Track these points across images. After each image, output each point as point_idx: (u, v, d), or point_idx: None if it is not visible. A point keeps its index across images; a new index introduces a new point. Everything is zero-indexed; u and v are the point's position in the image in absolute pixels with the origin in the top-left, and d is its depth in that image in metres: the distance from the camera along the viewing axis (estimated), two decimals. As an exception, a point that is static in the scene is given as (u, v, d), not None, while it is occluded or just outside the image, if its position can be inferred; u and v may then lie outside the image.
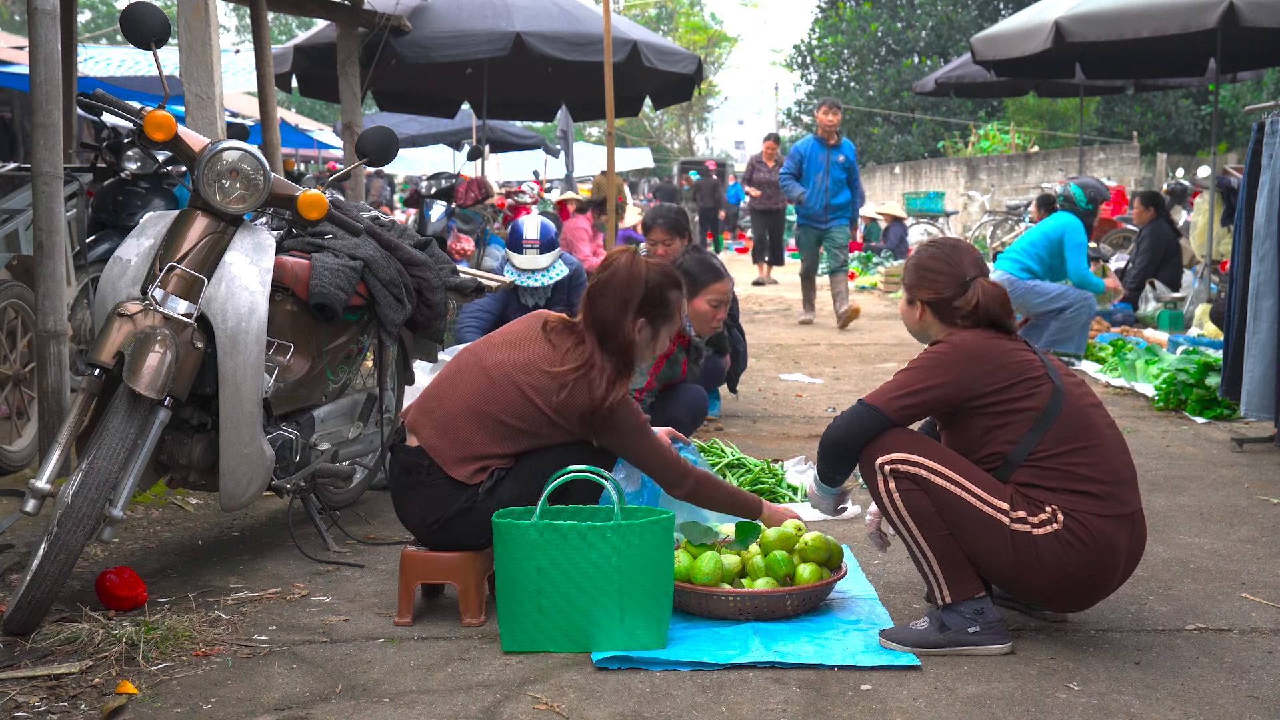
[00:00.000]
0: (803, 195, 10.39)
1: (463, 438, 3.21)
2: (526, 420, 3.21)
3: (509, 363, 3.24)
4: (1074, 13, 9.74)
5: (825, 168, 10.35)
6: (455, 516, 3.21)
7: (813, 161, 10.41)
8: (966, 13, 29.67)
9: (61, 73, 4.46)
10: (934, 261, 3.19)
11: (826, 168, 10.35)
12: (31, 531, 3.87)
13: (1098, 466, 2.98)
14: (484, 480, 3.21)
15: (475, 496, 3.20)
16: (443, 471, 3.21)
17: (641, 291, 3.28)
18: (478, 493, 3.20)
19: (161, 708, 2.70)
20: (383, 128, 3.89)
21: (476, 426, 3.21)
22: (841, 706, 2.70)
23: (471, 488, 3.20)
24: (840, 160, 10.41)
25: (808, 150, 10.45)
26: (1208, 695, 2.76)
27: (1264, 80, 22.19)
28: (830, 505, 3.34)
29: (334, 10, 8.66)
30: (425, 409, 3.30)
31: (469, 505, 3.19)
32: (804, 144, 10.51)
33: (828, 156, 10.39)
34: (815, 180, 10.39)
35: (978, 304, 3.10)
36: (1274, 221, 5.20)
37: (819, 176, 10.37)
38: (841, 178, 10.45)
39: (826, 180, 10.35)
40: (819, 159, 10.40)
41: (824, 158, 10.39)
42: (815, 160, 10.41)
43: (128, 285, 3.43)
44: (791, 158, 10.48)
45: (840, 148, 10.45)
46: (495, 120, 16.27)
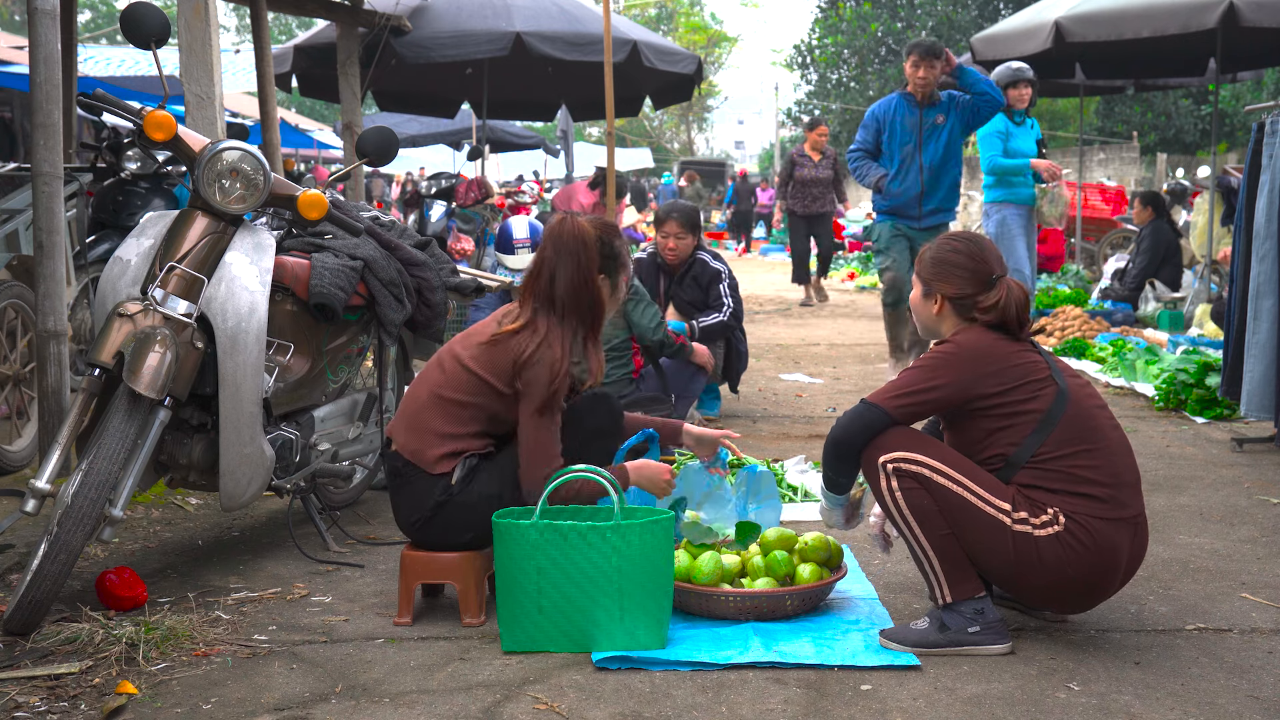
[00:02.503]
0: (884, 180, 7.14)
1: (427, 428, 3.27)
2: (471, 391, 3.25)
3: (456, 345, 3.33)
4: (1074, 13, 9.73)
5: (917, 137, 7.13)
6: (434, 512, 3.23)
7: (900, 128, 7.16)
8: (966, 13, 29.67)
9: (61, 73, 4.46)
10: (958, 256, 3.16)
11: (919, 137, 7.12)
12: (31, 531, 3.87)
13: (1101, 469, 2.98)
14: (455, 469, 3.23)
15: (450, 489, 3.22)
16: (416, 468, 3.26)
17: (596, 248, 3.32)
18: (451, 484, 3.22)
19: (161, 708, 2.70)
20: (383, 128, 3.89)
21: (435, 413, 3.27)
22: (841, 706, 2.70)
23: (444, 479, 3.23)
24: (939, 122, 7.13)
25: (890, 112, 7.21)
26: (1208, 695, 2.76)
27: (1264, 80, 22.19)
28: (840, 517, 3.32)
29: (334, 10, 8.66)
30: (401, 412, 3.38)
31: (444, 498, 3.22)
32: (884, 105, 7.29)
33: (920, 120, 7.13)
34: (903, 156, 7.15)
35: (1000, 302, 3.09)
36: (1274, 221, 5.20)
37: (908, 151, 7.13)
38: (942, 151, 7.16)
39: (919, 155, 7.12)
40: (907, 125, 7.14)
41: (914, 122, 7.13)
42: (903, 126, 7.15)
43: (128, 285, 3.43)
44: (866, 126, 7.32)
45: (940, 106, 7.13)
46: (495, 120, 16.27)
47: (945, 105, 7.16)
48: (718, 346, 6.15)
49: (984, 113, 7.14)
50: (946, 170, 7.19)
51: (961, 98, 7.12)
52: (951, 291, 3.15)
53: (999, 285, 3.10)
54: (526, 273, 3.37)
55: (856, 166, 7.34)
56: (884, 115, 7.24)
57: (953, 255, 3.17)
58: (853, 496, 3.29)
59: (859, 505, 3.32)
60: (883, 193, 7.19)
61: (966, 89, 7.04)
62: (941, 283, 3.17)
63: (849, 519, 3.33)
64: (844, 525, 3.34)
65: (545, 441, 3.24)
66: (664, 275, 6.15)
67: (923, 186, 7.17)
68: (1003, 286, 3.10)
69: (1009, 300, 3.08)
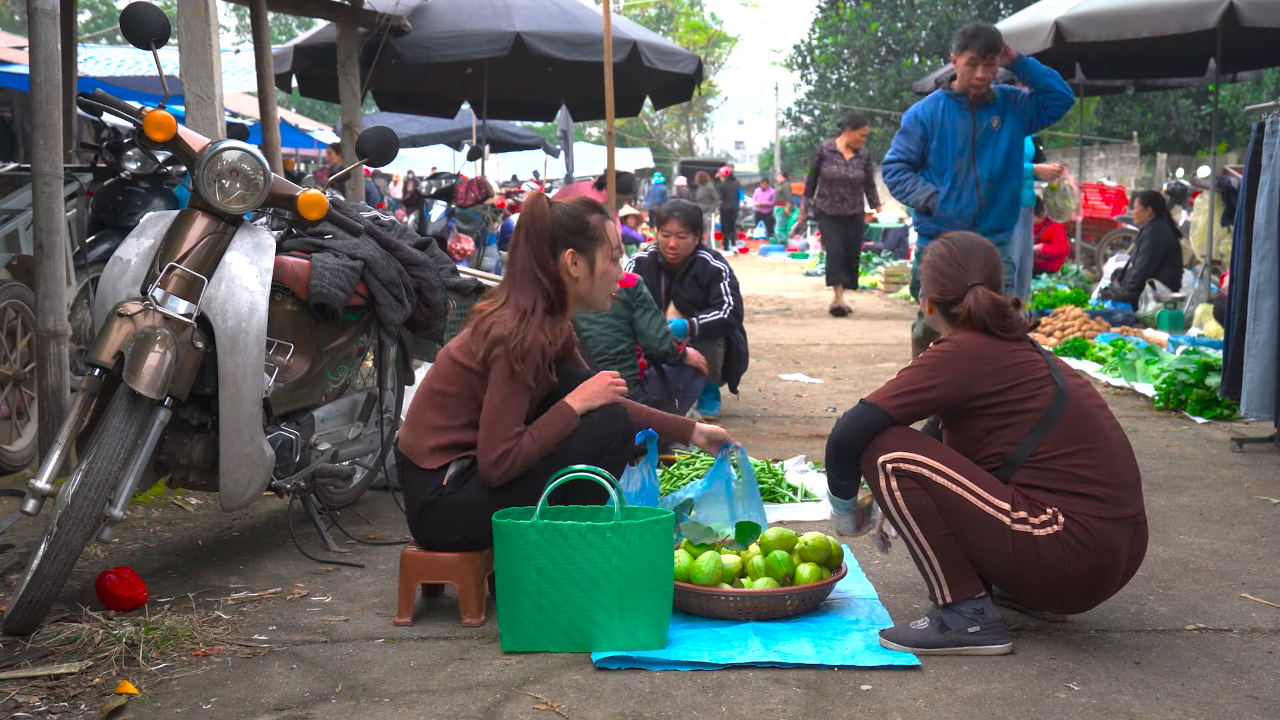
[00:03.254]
0: (935, 198, 5.75)
1: (420, 423, 3.30)
2: (454, 380, 3.27)
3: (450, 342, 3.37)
4: (1074, 13, 9.73)
5: (971, 146, 5.79)
6: (425, 508, 3.24)
7: (950, 134, 5.82)
8: (966, 13, 29.67)
9: (61, 73, 4.46)
10: (942, 262, 3.19)
11: (973, 146, 5.79)
12: (31, 531, 3.87)
13: (1100, 469, 2.98)
14: (449, 466, 3.24)
15: (441, 489, 3.22)
16: (412, 464, 3.28)
17: (549, 224, 3.30)
18: (442, 484, 3.23)
19: (161, 708, 2.70)
20: (383, 128, 3.89)
21: (427, 407, 3.31)
22: (841, 706, 2.70)
23: (435, 476, 3.24)
24: (995, 126, 5.80)
25: (938, 116, 5.85)
26: (1208, 695, 2.76)
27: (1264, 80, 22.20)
28: (850, 524, 3.32)
29: (334, 10, 8.66)
30: (406, 414, 3.41)
31: (435, 497, 3.23)
32: (929, 107, 5.89)
33: (974, 125, 5.80)
34: (956, 169, 5.81)
35: (969, 312, 3.10)
36: (1274, 221, 5.20)
37: (962, 163, 5.80)
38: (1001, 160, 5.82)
39: (974, 167, 5.78)
40: (959, 130, 5.80)
41: (967, 127, 5.79)
42: (953, 133, 5.81)
43: (128, 285, 3.43)
44: (908, 132, 5.89)
45: (995, 106, 5.79)
46: (495, 120, 16.28)
47: (1001, 105, 5.78)
48: (718, 346, 6.14)
49: (1052, 111, 5.81)
50: (1006, 182, 5.83)
51: (1019, 94, 5.82)
52: (934, 295, 3.20)
53: (968, 295, 3.11)
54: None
55: (898, 181, 5.83)
56: (931, 119, 5.81)
57: (938, 260, 3.21)
58: (861, 503, 3.29)
59: (869, 512, 3.31)
60: (932, 213, 5.73)
61: (1029, 84, 5.78)
62: (927, 285, 3.23)
63: (859, 525, 3.33)
64: (854, 532, 3.34)
65: (502, 415, 3.18)
66: (665, 274, 6.16)
67: (979, 203, 5.77)
68: (970, 296, 3.10)
69: (976, 309, 3.09)
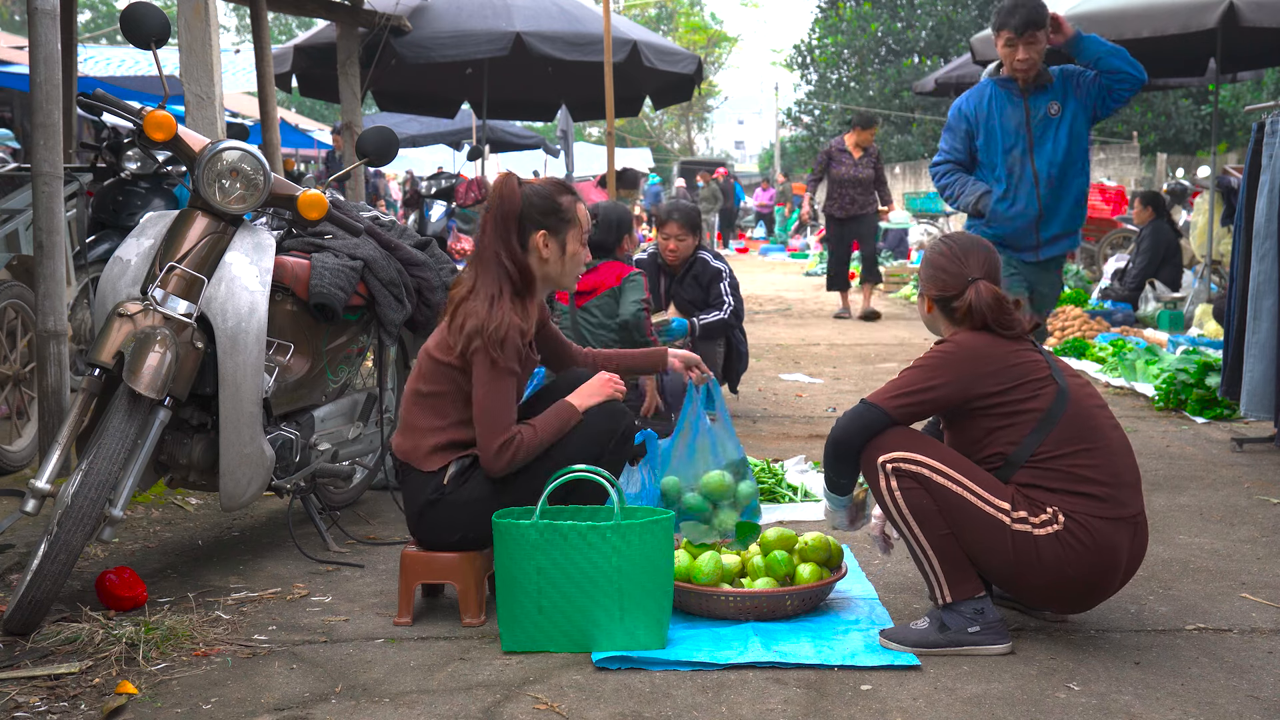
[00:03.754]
0: (987, 198, 5.01)
1: (413, 426, 3.29)
2: (442, 380, 3.26)
3: (426, 342, 3.36)
4: (1074, 13, 9.73)
5: (1026, 137, 4.99)
6: (425, 509, 3.24)
7: (998, 126, 5.03)
8: (966, 13, 29.67)
9: (61, 73, 4.46)
10: (941, 259, 3.20)
11: (1028, 137, 4.99)
12: (31, 531, 3.87)
13: (1100, 469, 2.98)
14: (449, 466, 3.24)
15: (441, 488, 3.22)
16: (410, 466, 3.28)
17: (520, 206, 3.29)
18: (443, 483, 3.22)
19: (161, 708, 2.70)
20: (383, 128, 3.89)
21: (417, 410, 3.30)
22: (841, 706, 2.70)
23: (436, 477, 3.24)
24: (1053, 113, 4.99)
25: (984, 106, 5.06)
26: (1208, 695, 2.76)
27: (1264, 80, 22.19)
28: (845, 519, 3.32)
29: (334, 10, 8.66)
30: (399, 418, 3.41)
31: (435, 497, 3.23)
32: (974, 97, 5.12)
33: (1027, 113, 4.99)
34: (1009, 165, 5.02)
35: (969, 306, 3.10)
36: (1274, 221, 5.20)
37: (1016, 157, 5.01)
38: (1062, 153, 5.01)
39: (1030, 161, 4.99)
40: (1010, 121, 5.02)
41: (1018, 116, 5.00)
42: (1004, 125, 5.02)
43: (128, 285, 3.43)
44: (952, 129, 5.16)
45: (1052, 90, 4.99)
46: (495, 120, 16.27)
47: (1059, 88, 4.99)
48: (718, 346, 6.15)
49: (1119, 94, 4.95)
50: (1069, 179, 5.02)
51: (1082, 75, 4.99)
52: (934, 293, 3.19)
53: (969, 289, 3.11)
54: None
55: (946, 185, 5.14)
56: (976, 111, 5.07)
57: (937, 257, 3.21)
58: (856, 498, 3.29)
59: (863, 506, 3.32)
60: (985, 217, 5.01)
61: (1090, 64, 4.94)
62: (927, 284, 3.22)
63: (853, 520, 3.33)
64: (848, 527, 3.34)
65: (494, 407, 3.17)
66: (665, 275, 6.16)
67: (1040, 205, 4.99)
68: (971, 291, 3.10)
69: (977, 303, 3.09)
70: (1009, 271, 5.05)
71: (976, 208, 5.00)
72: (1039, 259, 5.09)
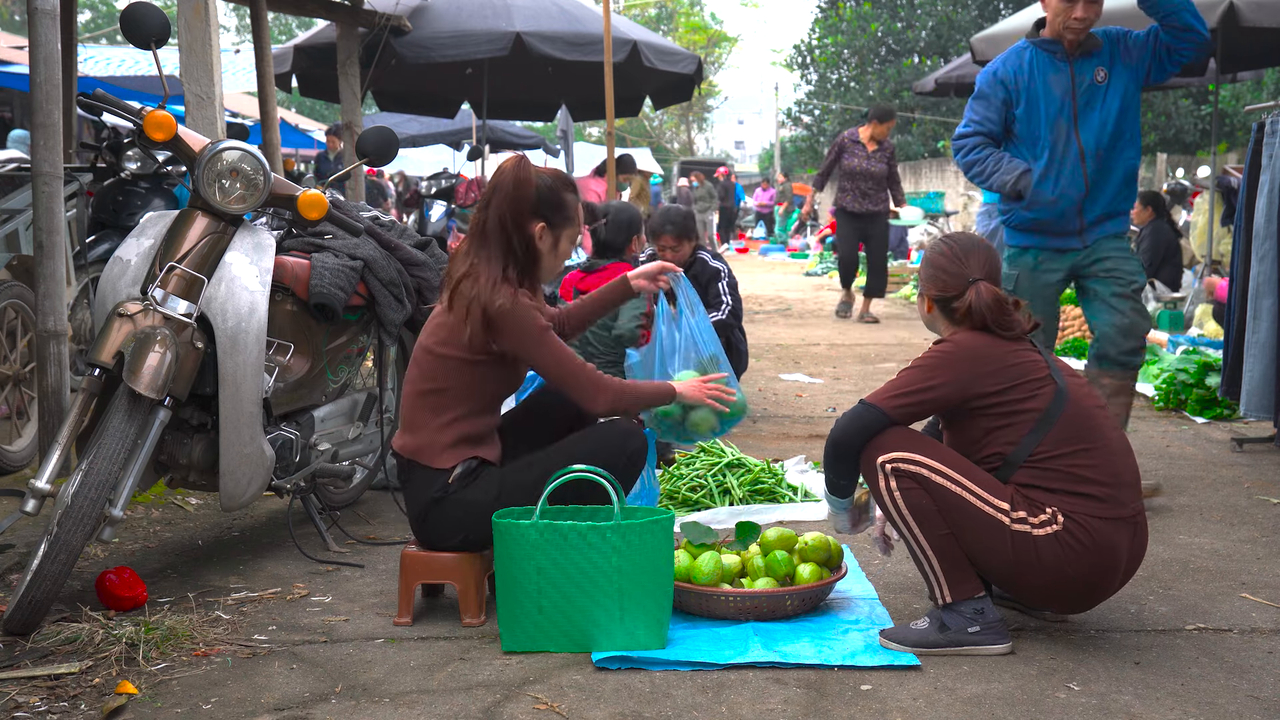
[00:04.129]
0: (1027, 177, 4.41)
1: (420, 425, 3.27)
2: (447, 376, 3.23)
3: (422, 336, 3.33)
4: (1074, 13, 9.72)
5: (1071, 107, 4.41)
6: (430, 508, 3.23)
7: (1041, 94, 4.44)
8: (966, 13, 29.67)
9: (61, 73, 4.46)
10: (942, 259, 3.19)
11: (1073, 107, 4.41)
12: (31, 531, 3.87)
13: (1099, 468, 2.98)
14: (456, 464, 3.22)
15: (447, 487, 3.21)
16: (416, 464, 3.26)
17: (533, 193, 3.27)
18: (448, 481, 3.21)
19: (161, 708, 2.70)
20: (383, 128, 3.89)
21: (423, 407, 3.27)
22: (841, 706, 2.70)
23: (441, 476, 3.22)
24: (1100, 79, 4.40)
25: (1024, 72, 4.46)
26: (1208, 695, 2.76)
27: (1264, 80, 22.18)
28: (847, 522, 3.32)
29: (334, 10, 8.66)
30: (400, 416, 3.39)
31: (440, 495, 3.21)
32: (1010, 61, 4.51)
33: (1073, 80, 4.42)
34: (1053, 138, 4.44)
35: (970, 306, 3.10)
36: (1274, 221, 5.20)
37: (1061, 130, 4.43)
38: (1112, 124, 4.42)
39: (1075, 135, 4.41)
40: (1054, 89, 4.43)
41: (1064, 83, 4.42)
42: (1046, 92, 4.44)
43: (128, 285, 3.43)
44: (985, 97, 4.51)
45: (1100, 55, 4.42)
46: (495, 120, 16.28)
47: (1107, 52, 4.40)
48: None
49: (1182, 55, 4.35)
50: (1119, 154, 4.44)
51: (1129, 37, 4.42)
52: (934, 293, 3.19)
53: (969, 290, 3.11)
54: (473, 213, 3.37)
55: (975, 161, 4.47)
56: (1014, 76, 4.44)
57: (938, 257, 3.21)
58: (858, 500, 3.28)
59: (866, 509, 3.31)
60: (1022, 200, 4.43)
61: (1159, 16, 4.32)
62: (927, 284, 3.22)
63: (856, 523, 3.32)
64: (851, 530, 3.34)
65: (572, 370, 3.23)
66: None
67: (1086, 184, 4.40)
68: (971, 291, 3.11)
69: (977, 304, 3.09)
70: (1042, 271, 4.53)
71: (1015, 188, 4.37)
72: (1085, 244, 4.48)
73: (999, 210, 4.64)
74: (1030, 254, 4.57)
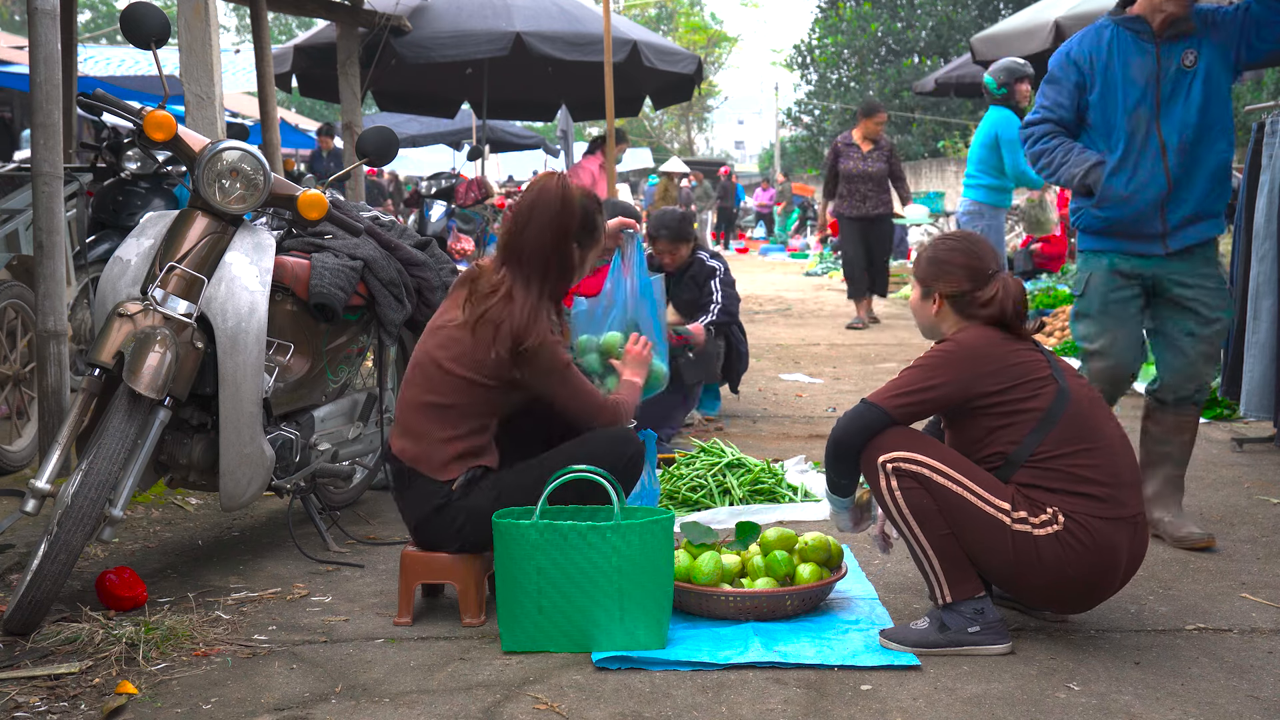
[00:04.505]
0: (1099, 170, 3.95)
1: (426, 435, 3.23)
2: (460, 394, 3.21)
3: (431, 345, 3.27)
4: (1074, 13, 9.73)
5: (1154, 94, 3.92)
6: (432, 514, 3.22)
7: (1119, 79, 3.96)
8: (966, 13, 29.67)
9: (61, 73, 4.46)
10: (954, 255, 3.18)
11: (1156, 94, 3.91)
12: (31, 531, 3.87)
13: (1100, 469, 2.98)
14: (459, 475, 3.21)
15: (450, 494, 3.21)
16: (419, 472, 3.23)
17: (579, 216, 3.26)
18: (452, 489, 3.21)
19: (161, 708, 2.70)
20: (383, 128, 3.89)
21: (427, 419, 3.23)
22: (841, 706, 2.70)
23: (444, 485, 3.21)
24: (1188, 64, 3.91)
25: (1104, 53, 3.98)
26: (1208, 695, 2.76)
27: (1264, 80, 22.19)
28: (848, 521, 3.31)
29: (334, 10, 8.67)
30: (395, 417, 3.36)
31: (444, 502, 3.20)
32: (1088, 40, 4.03)
33: (1158, 65, 3.92)
34: (1131, 127, 3.94)
35: (998, 296, 3.10)
36: (1274, 221, 5.20)
37: (1141, 119, 3.93)
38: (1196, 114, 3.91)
39: (1157, 127, 3.91)
40: (1137, 72, 3.94)
41: (1148, 68, 3.92)
42: (1125, 76, 3.95)
43: (128, 285, 3.43)
44: (1057, 81, 4.05)
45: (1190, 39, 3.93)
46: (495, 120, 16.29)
47: (1197, 35, 3.90)
48: (718, 346, 6.14)
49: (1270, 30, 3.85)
50: (1208, 146, 3.92)
51: (1219, 13, 3.93)
52: (949, 290, 3.16)
53: (994, 280, 3.12)
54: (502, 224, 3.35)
55: (1043, 151, 4.01)
56: (1093, 57, 3.95)
57: (949, 254, 3.19)
58: (859, 500, 3.28)
59: (867, 508, 3.31)
60: (1094, 196, 3.93)
61: None
62: (939, 282, 3.18)
63: (857, 523, 3.32)
64: (852, 529, 3.34)
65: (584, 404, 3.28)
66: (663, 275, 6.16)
67: (1168, 180, 3.89)
68: (998, 281, 3.11)
69: (1005, 294, 3.10)
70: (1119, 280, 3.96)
71: (1084, 182, 3.93)
72: (1168, 250, 3.92)
73: (1071, 210, 4.08)
74: (1105, 259, 3.99)
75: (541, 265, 3.22)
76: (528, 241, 3.22)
